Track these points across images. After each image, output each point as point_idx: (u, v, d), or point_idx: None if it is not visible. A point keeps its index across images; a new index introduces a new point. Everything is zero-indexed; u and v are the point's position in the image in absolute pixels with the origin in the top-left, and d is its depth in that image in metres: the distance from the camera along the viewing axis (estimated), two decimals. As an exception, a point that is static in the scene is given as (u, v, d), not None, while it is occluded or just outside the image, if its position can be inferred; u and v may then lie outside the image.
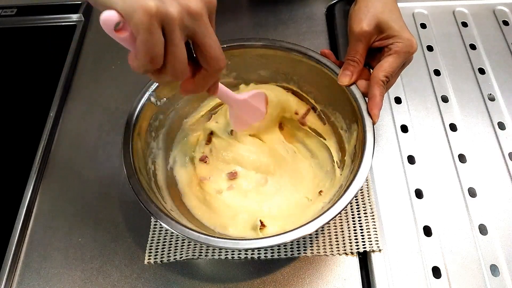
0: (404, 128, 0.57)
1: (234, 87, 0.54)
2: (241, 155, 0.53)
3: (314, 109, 0.54)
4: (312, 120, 0.54)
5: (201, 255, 0.47)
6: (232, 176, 0.52)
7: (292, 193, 0.51)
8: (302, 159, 0.53)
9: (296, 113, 0.54)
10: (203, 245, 0.48)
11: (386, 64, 0.44)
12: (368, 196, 0.50)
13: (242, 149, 0.53)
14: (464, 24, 0.67)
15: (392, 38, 0.44)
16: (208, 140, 0.55)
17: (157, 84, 0.48)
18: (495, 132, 0.56)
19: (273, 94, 0.53)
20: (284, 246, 0.48)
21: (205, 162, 0.53)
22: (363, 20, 0.44)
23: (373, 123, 0.43)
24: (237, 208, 0.49)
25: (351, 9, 0.47)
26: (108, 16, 0.29)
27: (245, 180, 0.52)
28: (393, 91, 0.60)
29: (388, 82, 0.44)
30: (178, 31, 0.30)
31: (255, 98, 0.50)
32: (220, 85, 0.42)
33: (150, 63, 0.30)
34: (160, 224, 0.49)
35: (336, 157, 0.51)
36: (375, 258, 0.46)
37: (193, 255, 0.47)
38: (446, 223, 0.49)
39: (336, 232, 0.48)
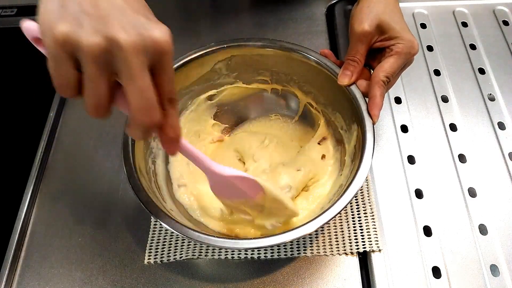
0: (404, 128, 0.57)
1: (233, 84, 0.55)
2: None
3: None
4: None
5: (201, 255, 0.47)
6: None
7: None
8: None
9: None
10: (203, 245, 0.48)
11: (387, 65, 0.44)
12: (368, 196, 0.50)
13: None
14: (464, 24, 0.67)
15: (394, 39, 0.44)
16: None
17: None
18: (495, 132, 0.56)
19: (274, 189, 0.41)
20: (284, 246, 0.48)
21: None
22: (365, 20, 0.44)
23: (373, 123, 0.43)
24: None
25: (353, 9, 0.47)
26: (28, 27, 0.27)
27: None
28: (393, 91, 0.60)
29: (389, 82, 0.44)
30: (92, 65, 0.25)
31: (242, 181, 0.40)
32: (188, 146, 0.35)
33: (59, 91, 0.26)
34: (160, 224, 0.49)
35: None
36: (375, 258, 0.46)
37: (193, 255, 0.47)
38: (446, 223, 0.49)
39: (336, 232, 0.48)
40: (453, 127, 0.56)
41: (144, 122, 0.27)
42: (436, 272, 0.46)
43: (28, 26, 0.26)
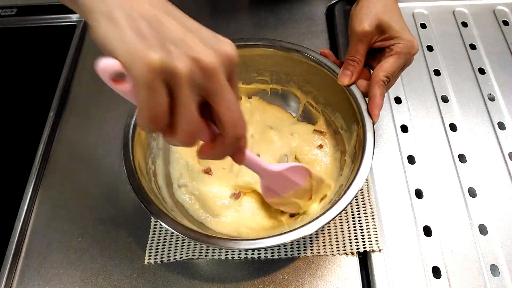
0: (404, 128, 0.57)
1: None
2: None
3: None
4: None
5: (201, 255, 0.47)
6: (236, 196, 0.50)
7: None
8: None
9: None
10: (203, 245, 0.48)
11: (387, 65, 0.44)
12: (368, 196, 0.50)
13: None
14: (464, 24, 0.67)
15: (394, 39, 0.44)
16: None
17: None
18: (495, 132, 0.56)
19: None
20: (284, 246, 0.48)
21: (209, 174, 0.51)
22: (365, 20, 0.44)
23: (373, 123, 0.43)
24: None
25: (352, 9, 0.47)
26: (106, 65, 0.25)
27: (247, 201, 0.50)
28: (393, 91, 0.60)
29: (389, 82, 0.44)
30: (187, 90, 0.25)
31: (293, 171, 0.45)
32: (248, 153, 0.38)
33: (152, 124, 0.26)
34: (160, 224, 0.49)
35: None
36: (375, 258, 0.46)
37: (193, 255, 0.47)
38: (446, 223, 0.49)
39: (336, 232, 0.48)
40: (453, 127, 0.56)
41: (239, 135, 0.29)
42: (436, 272, 0.46)
43: (106, 65, 0.24)
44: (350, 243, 0.47)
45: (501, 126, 0.56)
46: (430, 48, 0.65)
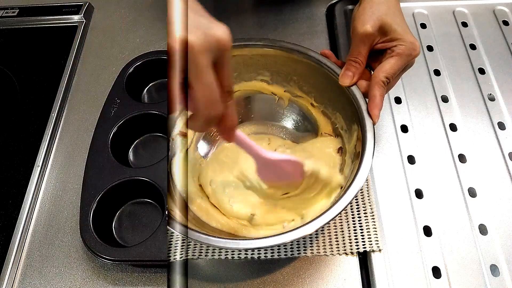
0: (404, 128, 0.57)
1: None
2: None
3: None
4: None
5: (201, 255, 0.47)
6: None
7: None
8: None
9: None
10: (203, 245, 0.48)
11: (387, 66, 0.44)
12: (368, 196, 0.50)
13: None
14: (464, 24, 0.67)
15: (396, 41, 0.44)
16: None
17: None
18: (495, 132, 0.56)
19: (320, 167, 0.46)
20: (284, 246, 0.48)
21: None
22: (368, 21, 0.44)
23: (373, 123, 0.44)
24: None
25: (355, 10, 0.47)
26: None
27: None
28: (393, 91, 0.60)
29: (389, 83, 0.44)
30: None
31: (288, 164, 0.45)
32: (241, 135, 0.40)
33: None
34: (161, 224, 0.49)
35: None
36: (375, 258, 0.46)
37: (193, 255, 0.47)
38: (446, 223, 0.49)
39: (336, 232, 0.48)
40: (453, 127, 0.57)
41: (208, 115, 0.31)
42: (436, 272, 0.46)
43: None
44: (350, 243, 0.47)
45: (501, 126, 0.56)
46: (430, 48, 0.65)
